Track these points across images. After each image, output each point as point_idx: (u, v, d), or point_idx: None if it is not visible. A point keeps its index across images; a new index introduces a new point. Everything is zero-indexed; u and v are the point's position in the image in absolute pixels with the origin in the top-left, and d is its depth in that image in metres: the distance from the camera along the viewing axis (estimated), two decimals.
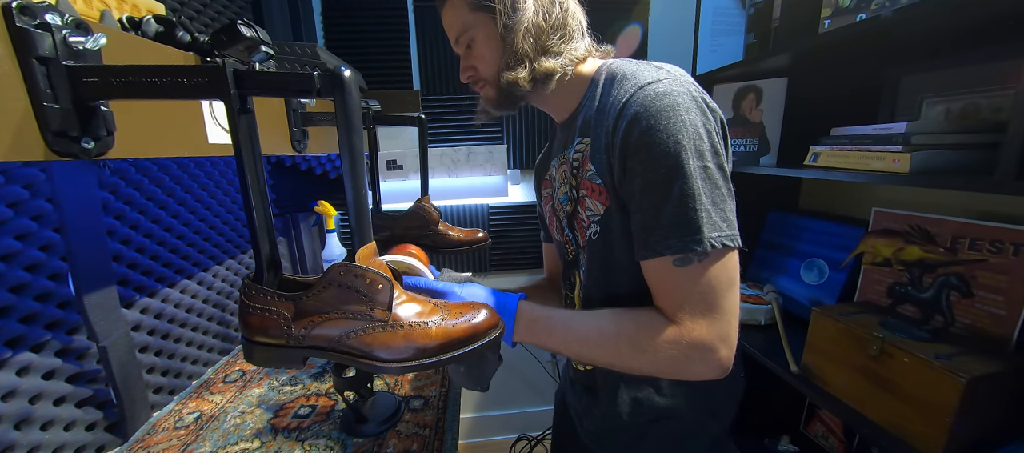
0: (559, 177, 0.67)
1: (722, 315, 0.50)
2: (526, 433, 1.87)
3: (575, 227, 0.65)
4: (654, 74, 0.52)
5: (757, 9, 1.18)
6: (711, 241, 0.47)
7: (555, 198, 0.69)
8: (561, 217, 0.68)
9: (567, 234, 0.68)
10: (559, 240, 0.73)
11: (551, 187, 0.72)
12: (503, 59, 0.59)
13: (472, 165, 1.59)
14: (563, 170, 0.65)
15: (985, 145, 0.78)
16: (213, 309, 1.00)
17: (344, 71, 0.36)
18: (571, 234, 0.67)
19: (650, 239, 0.50)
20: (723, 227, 0.48)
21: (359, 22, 1.47)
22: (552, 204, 0.72)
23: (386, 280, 0.42)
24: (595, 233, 0.59)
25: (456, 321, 0.44)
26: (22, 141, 0.36)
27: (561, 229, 0.70)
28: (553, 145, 0.75)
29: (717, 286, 0.49)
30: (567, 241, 0.69)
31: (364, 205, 0.41)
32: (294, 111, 0.81)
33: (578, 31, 0.63)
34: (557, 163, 0.68)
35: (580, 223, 0.63)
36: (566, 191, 0.64)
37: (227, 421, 0.78)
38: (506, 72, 0.59)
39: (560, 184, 0.67)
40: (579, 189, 0.61)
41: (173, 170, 0.89)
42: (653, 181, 0.49)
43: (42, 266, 0.63)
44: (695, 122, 0.48)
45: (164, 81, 0.38)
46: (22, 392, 0.59)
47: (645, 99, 0.49)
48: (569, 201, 0.64)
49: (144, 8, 0.56)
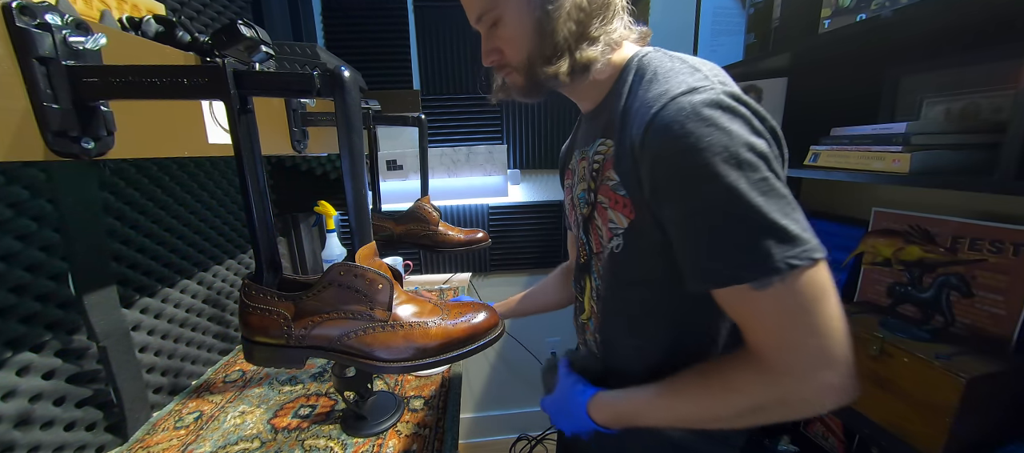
0: (579, 172, 0.63)
1: (820, 336, 0.42)
2: (526, 433, 1.87)
3: (590, 232, 0.61)
4: (689, 80, 0.45)
5: (757, 9, 1.18)
6: (789, 260, 0.40)
7: (574, 192, 0.66)
8: (578, 216, 0.64)
9: (581, 237, 0.64)
10: (575, 237, 0.69)
11: (572, 179, 0.68)
12: (539, 48, 0.52)
13: (472, 165, 1.59)
14: (583, 166, 0.61)
15: (985, 145, 0.78)
16: (213, 309, 1.00)
17: (344, 71, 0.36)
18: (585, 238, 0.63)
19: (714, 266, 0.43)
20: (804, 237, 0.41)
21: (359, 22, 1.47)
22: (571, 196, 0.68)
23: (386, 280, 0.42)
24: (618, 247, 0.54)
25: (456, 321, 0.44)
26: (22, 141, 0.36)
27: (577, 229, 0.66)
28: (577, 135, 0.70)
29: (809, 305, 0.41)
30: (581, 244, 0.65)
31: (364, 205, 0.41)
32: (294, 111, 0.81)
33: (618, 9, 0.55)
34: (578, 156, 0.64)
35: (595, 230, 0.59)
36: (584, 189, 0.61)
37: (227, 421, 0.78)
38: (545, 66, 0.53)
39: (579, 179, 0.63)
40: (597, 193, 0.57)
41: (173, 170, 0.89)
42: (705, 206, 0.42)
43: (42, 266, 0.63)
44: (741, 134, 0.42)
45: (164, 81, 0.38)
46: (22, 392, 0.59)
47: (680, 113, 0.43)
48: (586, 203, 0.60)
49: (144, 8, 0.56)
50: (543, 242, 1.74)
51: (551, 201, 1.70)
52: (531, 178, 1.68)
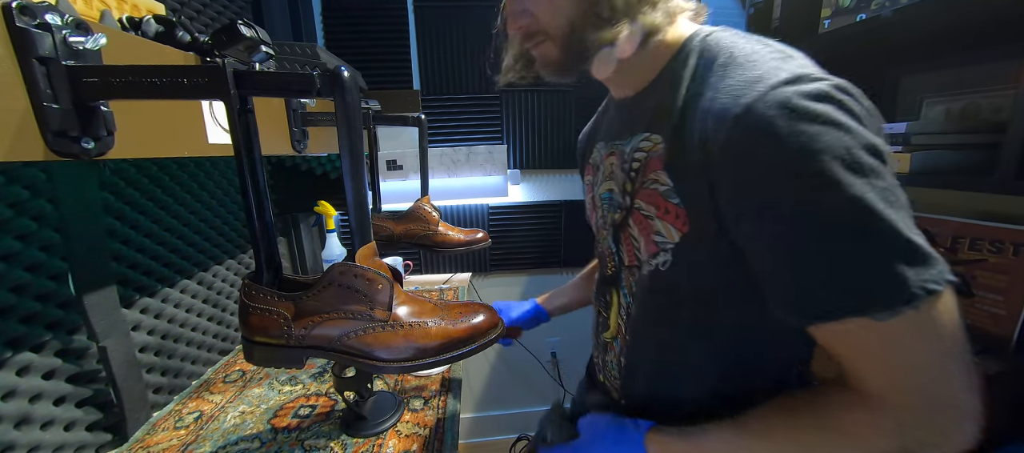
0: (605, 168, 0.54)
1: (956, 375, 0.35)
2: (526, 433, 1.87)
3: (621, 242, 0.52)
4: (786, 67, 0.37)
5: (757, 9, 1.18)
6: (925, 284, 0.33)
7: (596, 191, 0.58)
8: (604, 220, 0.56)
9: (610, 246, 0.55)
10: (599, 244, 0.60)
11: (593, 175, 0.59)
12: (588, 8, 0.43)
13: (472, 165, 1.59)
14: (611, 163, 0.53)
15: (985, 145, 0.78)
16: (213, 309, 1.00)
17: (344, 71, 0.36)
18: (615, 247, 0.54)
19: (830, 295, 0.35)
20: (934, 256, 0.34)
21: (359, 22, 1.47)
22: (592, 195, 0.60)
23: (386, 280, 0.42)
24: (664, 264, 0.46)
25: (456, 321, 0.44)
26: (22, 141, 0.36)
27: (603, 235, 0.57)
28: (602, 122, 0.61)
29: (944, 337, 0.34)
30: (608, 253, 0.56)
31: (364, 205, 0.41)
32: (294, 111, 0.81)
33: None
34: (604, 150, 0.55)
35: (630, 241, 0.50)
36: (612, 190, 0.53)
37: (227, 421, 0.78)
38: (595, 31, 0.43)
39: (604, 178, 0.55)
40: (635, 198, 0.48)
41: (173, 170, 0.89)
42: (821, 221, 0.34)
43: (42, 266, 0.63)
44: (862, 133, 0.34)
45: (164, 81, 0.38)
46: (22, 392, 0.59)
47: (784, 106, 0.34)
48: (617, 208, 0.52)
49: (144, 8, 0.56)
50: (543, 242, 1.74)
51: (551, 201, 1.70)
52: (531, 178, 1.68)
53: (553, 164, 1.66)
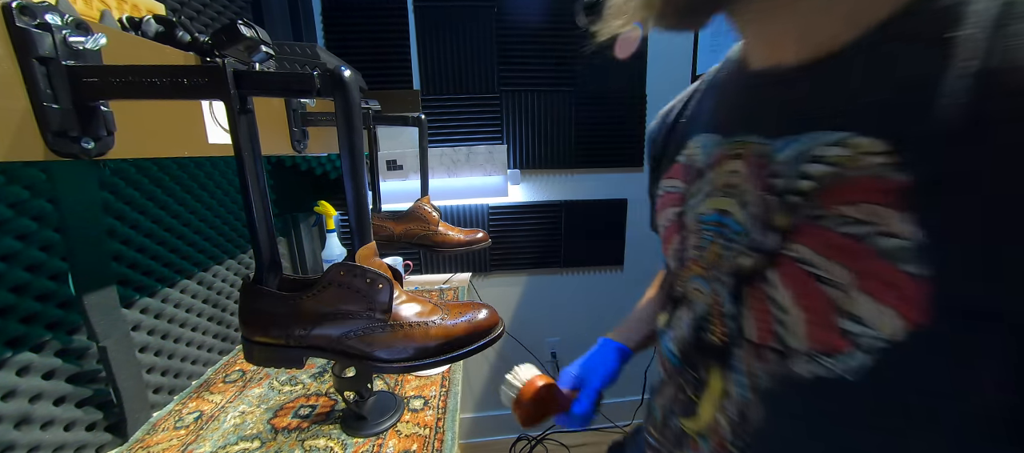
0: (717, 176, 0.38)
1: None
2: (526, 433, 1.87)
3: (746, 302, 0.34)
4: None
5: None
6: None
7: (691, 205, 0.42)
8: (706, 256, 0.39)
9: (716, 299, 0.38)
10: (683, 284, 0.43)
11: (684, 182, 0.43)
12: None
13: (472, 165, 1.59)
14: (733, 170, 0.36)
15: None
16: (213, 309, 1.00)
17: (344, 71, 0.36)
18: (731, 306, 0.36)
19: None
20: None
21: (359, 22, 1.47)
22: (680, 212, 0.44)
23: (386, 280, 0.42)
24: (857, 370, 0.28)
25: (456, 321, 0.44)
26: (22, 141, 0.36)
27: (698, 274, 0.41)
28: (706, 101, 0.45)
29: None
30: (714, 311, 0.38)
31: (364, 205, 0.41)
32: (294, 111, 0.81)
33: None
34: (717, 146, 0.39)
35: (765, 307, 0.33)
36: (728, 213, 0.37)
37: (227, 421, 0.78)
38: None
39: (714, 190, 0.39)
40: (795, 240, 0.30)
41: (173, 170, 0.89)
42: None
43: (42, 266, 0.63)
44: None
45: (164, 81, 0.38)
46: (22, 392, 0.59)
47: None
48: (745, 246, 0.35)
49: (144, 8, 0.56)
50: (543, 242, 1.74)
51: (551, 201, 1.70)
52: (531, 178, 1.68)
53: (553, 164, 1.66)
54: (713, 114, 0.43)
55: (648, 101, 1.64)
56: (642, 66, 1.61)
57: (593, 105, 1.61)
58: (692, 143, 0.44)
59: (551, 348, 1.87)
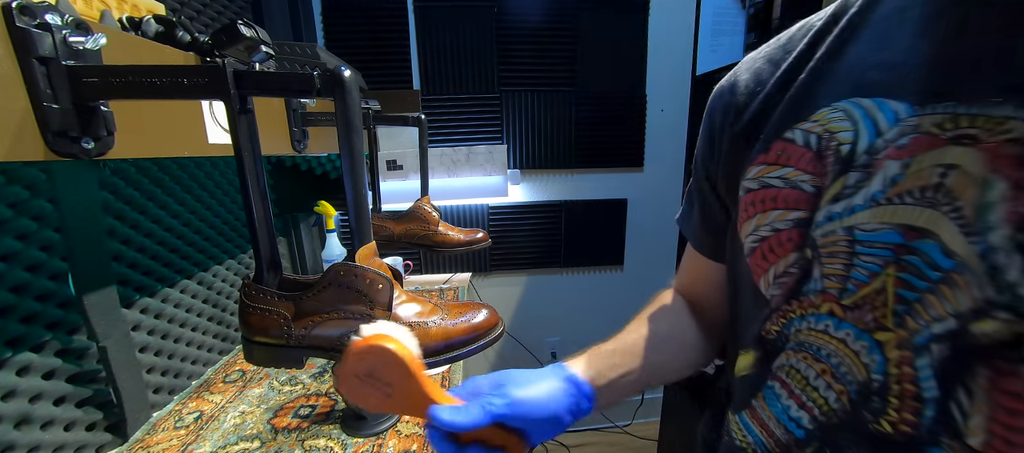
0: (910, 174, 0.26)
1: None
2: None
3: (969, 387, 0.24)
4: None
5: (757, 9, 1.18)
6: None
7: (834, 217, 0.29)
8: (862, 293, 0.28)
9: (911, 377, 0.26)
10: (805, 336, 0.32)
11: (812, 172, 0.31)
12: None
13: (472, 165, 1.59)
14: (951, 166, 0.24)
15: None
16: (213, 309, 1.00)
17: (344, 71, 0.36)
18: (943, 390, 0.25)
19: None
20: None
21: (359, 22, 1.47)
22: (802, 219, 0.31)
23: (386, 280, 0.42)
24: None
25: (456, 321, 0.44)
26: (22, 141, 0.36)
27: (863, 329, 0.28)
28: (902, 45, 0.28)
29: None
30: (897, 390, 0.27)
31: (364, 205, 0.41)
32: (294, 111, 0.81)
33: None
34: (918, 119, 0.26)
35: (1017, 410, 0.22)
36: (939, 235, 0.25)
37: (227, 421, 0.78)
38: None
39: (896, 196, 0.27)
40: None
41: (173, 170, 0.89)
42: None
43: (42, 266, 0.63)
44: None
45: (164, 81, 0.38)
46: (22, 392, 0.59)
47: None
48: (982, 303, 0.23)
49: (144, 8, 0.56)
50: (543, 242, 1.74)
51: (551, 201, 1.70)
52: (531, 178, 1.68)
53: (553, 164, 1.66)
54: (885, 64, 0.28)
55: (648, 101, 1.64)
56: (642, 66, 1.61)
57: (593, 105, 1.61)
58: (826, 111, 0.30)
59: (551, 348, 1.87)
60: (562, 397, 0.38)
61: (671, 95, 1.64)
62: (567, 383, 0.39)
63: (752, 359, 0.37)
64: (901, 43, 0.28)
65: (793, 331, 0.32)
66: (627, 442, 1.88)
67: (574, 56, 1.55)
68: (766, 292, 0.35)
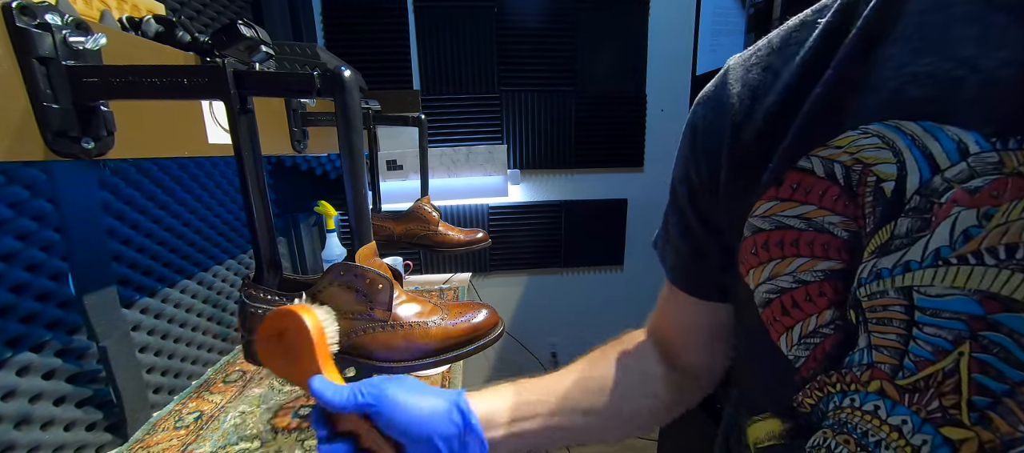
0: (995, 229, 0.20)
1: None
2: None
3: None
4: None
5: (757, 9, 1.18)
6: None
7: (885, 274, 0.24)
8: (933, 375, 0.23)
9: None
10: (848, 417, 0.26)
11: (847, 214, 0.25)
12: None
13: (472, 165, 1.59)
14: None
15: None
16: (213, 309, 1.00)
17: (344, 71, 0.36)
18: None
19: None
20: None
21: (359, 22, 1.47)
22: (839, 270, 0.26)
23: (386, 280, 0.42)
24: None
25: (456, 321, 0.44)
26: (22, 141, 0.36)
27: (926, 419, 0.23)
28: (966, 54, 0.21)
29: None
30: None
31: (364, 205, 0.41)
32: (294, 111, 0.81)
33: None
34: (1003, 157, 0.20)
35: None
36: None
37: (227, 421, 0.78)
38: None
39: (972, 253, 0.21)
40: None
41: (173, 170, 0.89)
42: None
43: (42, 266, 0.63)
44: None
45: (164, 81, 0.38)
46: (22, 392, 0.59)
47: None
48: None
49: (144, 8, 0.56)
50: (543, 242, 1.74)
51: (551, 201, 1.70)
52: (531, 178, 1.68)
53: (553, 164, 1.66)
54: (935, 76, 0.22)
55: (648, 101, 1.64)
56: (642, 66, 1.61)
57: (593, 105, 1.61)
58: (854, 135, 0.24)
59: (551, 348, 1.87)
60: (441, 421, 0.34)
61: (671, 95, 1.64)
62: (452, 408, 0.35)
63: (780, 430, 0.31)
64: (955, 47, 0.21)
65: (833, 408, 0.27)
66: (627, 442, 1.88)
67: (574, 56, 1.55)
68: (788, 353, 0.29)
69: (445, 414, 0.34)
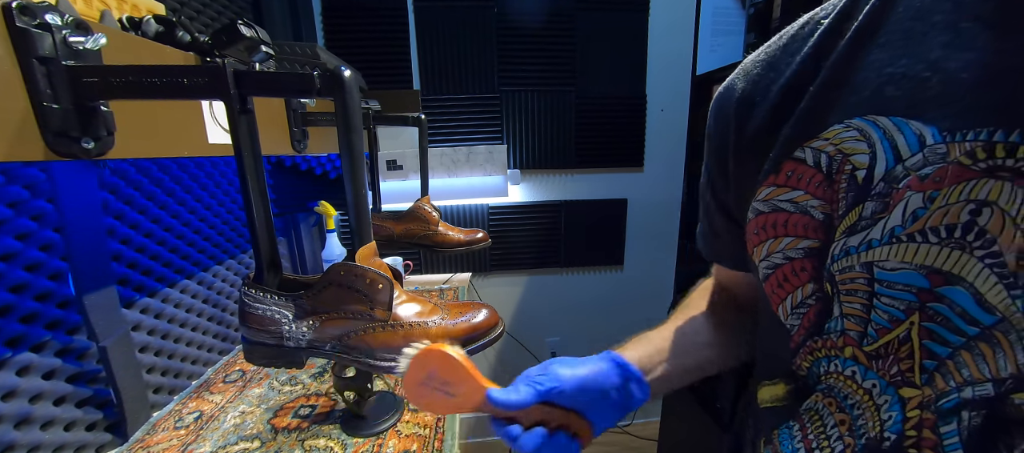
0: (936, 209, 0.23)
1: None
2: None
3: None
4: None
5: (757, 9, 1.18)
6: None
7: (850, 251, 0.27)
8: (882, 339, 0.26)
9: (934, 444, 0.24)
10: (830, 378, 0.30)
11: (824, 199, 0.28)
12: None
13: (472, 165, 1.59)
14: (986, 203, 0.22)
15: None
16: (213, 309, 1.00)
17: (344, 71, 0.36)
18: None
19: None
20: None
21: (359, 22, 1.47)
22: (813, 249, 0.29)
23: (386, 280, 0.42)
24: None
25: (456, 321, 0.44)
26: (22, 141, 0.36)
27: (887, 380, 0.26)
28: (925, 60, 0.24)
29: None
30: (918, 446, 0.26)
31: (364, 205, 0.41)
32: (294, 111, 0.81)
33: None
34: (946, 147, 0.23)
35: None
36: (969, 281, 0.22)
37: (227, 421, 0.78)
38: None
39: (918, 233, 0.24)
40: None
41: (173, 170, 0.89)
42: None
43: (42, 266, 0.63)
44: None
45: (164, 81, 0.38)
46: (22, 392, 0.59)
47: None
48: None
49: (144, 8, 0.56)
50: (543, 242, 1.74)
51: (551, 201, 1.70)
52: (531, 178, 1.68)
53: (553, 164, 1.66)
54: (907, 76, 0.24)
55: (648, 101, 1.64)
56: (642, 66, 1.61)
57: (593, 105, 1.61)
58: (839, 129, 0.27)
59: (551, 348, 1.87)
60: (608, 375, 0.39)
61: (671, 95, 1.64)
62: (611, 363, 0.40)
63: (783, 391, 0.34)
64: (926, 52, 0.23)
65: (822, 372, 0.30)
66: (627, 442, 1.88)
67: (574, 56, 1.55)
68: (785, 322, 0.32)
69: (609, 370, 0.39)
